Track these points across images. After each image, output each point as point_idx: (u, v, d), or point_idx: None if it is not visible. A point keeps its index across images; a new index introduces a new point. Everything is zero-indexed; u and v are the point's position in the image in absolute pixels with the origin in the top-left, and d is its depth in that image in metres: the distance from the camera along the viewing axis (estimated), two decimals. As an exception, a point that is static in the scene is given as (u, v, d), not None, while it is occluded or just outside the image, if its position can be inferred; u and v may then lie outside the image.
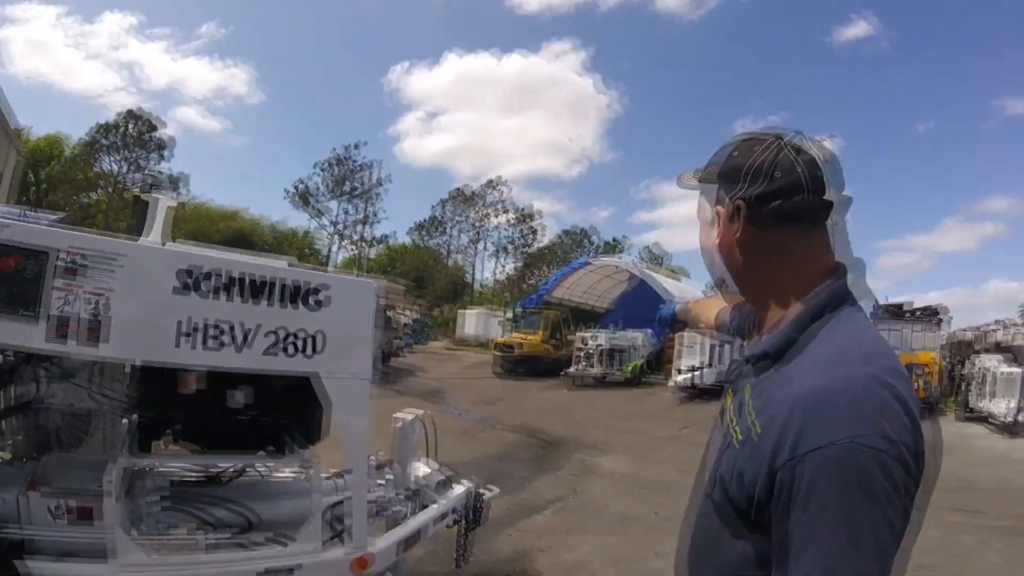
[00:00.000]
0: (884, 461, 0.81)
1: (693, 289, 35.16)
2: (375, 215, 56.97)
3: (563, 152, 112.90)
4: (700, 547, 1.07)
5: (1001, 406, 15.02)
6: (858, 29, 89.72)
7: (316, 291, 2.27)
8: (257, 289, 2.14)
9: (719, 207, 1.09)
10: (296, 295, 2.22)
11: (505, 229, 67.57)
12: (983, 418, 15.96)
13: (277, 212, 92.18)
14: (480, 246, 67.98)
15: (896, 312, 23.15)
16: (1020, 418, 14.68)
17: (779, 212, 1.00)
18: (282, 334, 2.19)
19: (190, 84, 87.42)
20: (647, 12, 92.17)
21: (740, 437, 0.97)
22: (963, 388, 18.59)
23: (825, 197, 1.01)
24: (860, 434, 0.82)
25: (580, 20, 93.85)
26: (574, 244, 71.70)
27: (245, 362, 2.13)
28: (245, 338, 2.11)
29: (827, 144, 1.05)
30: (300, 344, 2.23)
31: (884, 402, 0.85)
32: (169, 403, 2.21)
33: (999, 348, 22.41)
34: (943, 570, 5.55)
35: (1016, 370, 15.90)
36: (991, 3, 78.72)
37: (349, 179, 58.23)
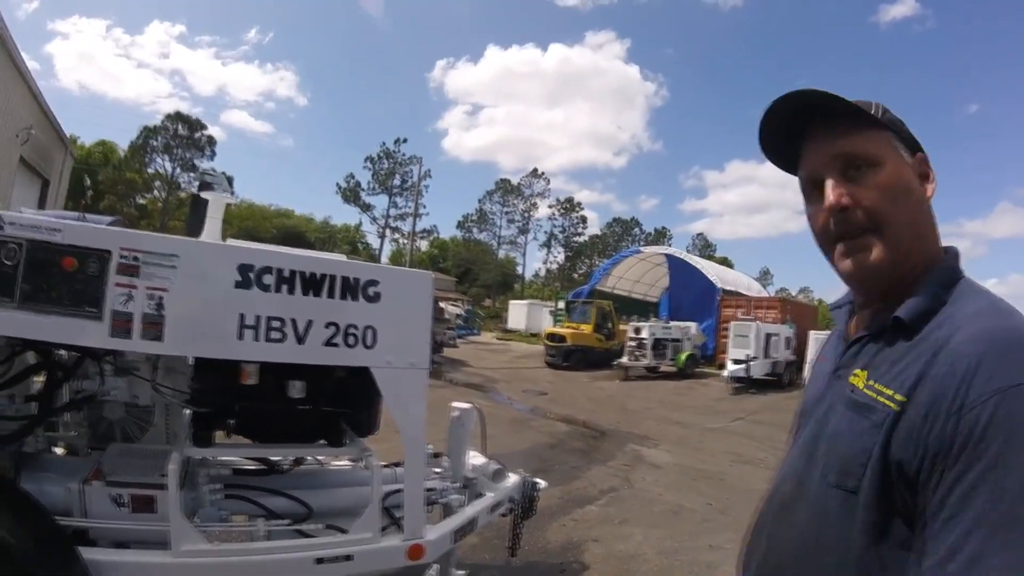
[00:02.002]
0: None
1: (743, 278, 34.53)
2: (419, 209, 57.74)
3: (608, 142, 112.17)
4: (810, 544, 0.95)
5: None
6: (904, 7, 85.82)
7: (373, 283, 2.31)
8: (315, 283, 2.19)
9: (918, 158, 1.00)
10: (354, 288, 2.27)
11: (552, 220, 67.46)
12: None
13: (324, 210, 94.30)
14: (528, 237, 68.02)
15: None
16: None
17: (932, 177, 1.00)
18: (340, 327, 2.23)
19: (237, 88, 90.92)
20: (688, 0, 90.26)
21: (872, 416, 0.88)
22: None
23: None
24: None
25: (621, 10, 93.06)
26: (623, 233, 71.19)
27: (304, 355, 2.17)
28: (304, 331, 2.16)
29: None
30: (358, 336, 2.27)
31: None
32: (229, 395, 2.26)
33: None
34: None
35: None
36: None
37: (396, 173, 58.83)
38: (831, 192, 0.96)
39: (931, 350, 0.85)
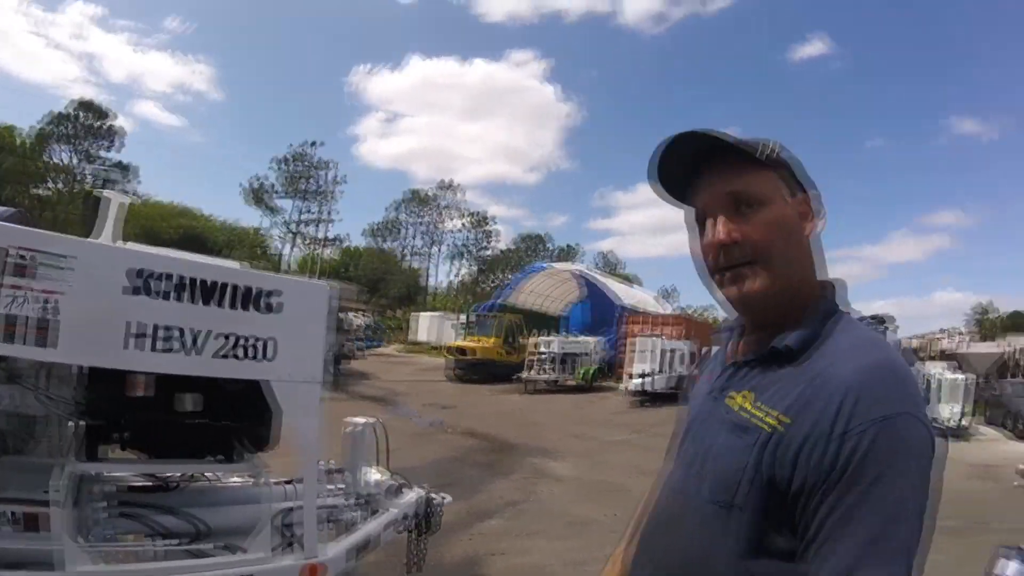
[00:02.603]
0: (930, 436, 0.87)
1: (646, 296, 35.79)
2: (330, 215, 55.95)
3: (522, 159, 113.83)
4: (696, 558, 0.99)
5: (946, 411, 15.72)
6: (813, 48, 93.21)
7: (269, 294, 2.22)
8: (209, 292, 2.08)
9: (801, 197, 1.07)
10: (248, 298, 2.17)
11: (460, 232, 67.42)
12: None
13: (231, 212, 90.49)
14: (436, 249, 67.65)
15: (846, 319, 23.92)
16: (964, 422, 15.48)
17: (820, 214, 1.07)
18: (234, 338, 2.13)
19: (151, 78, 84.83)
20: (610, 26, 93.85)
21: (748, 436, 0.95)
22: None
23: None
24: (915, 409, 0.86)
25: (544, 31, 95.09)
26: (530, 249, 71.98)
27: (196, 366, 2.07)
28: (196, 342, 2.05)
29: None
30: (252, 348, 2.18)
31: (918, 386, 0.91)
32: (118, 407, 2.13)
33: (944, 356, 23.42)
34: None
35: (961, 377, 16.71)
36: (941, 26, 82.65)
37: (305, 177, 57.12)
38: (721, 228, 1.03)
39: (812, 378, 0.92)
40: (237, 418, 2.35)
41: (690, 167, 1.08)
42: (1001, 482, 9.58)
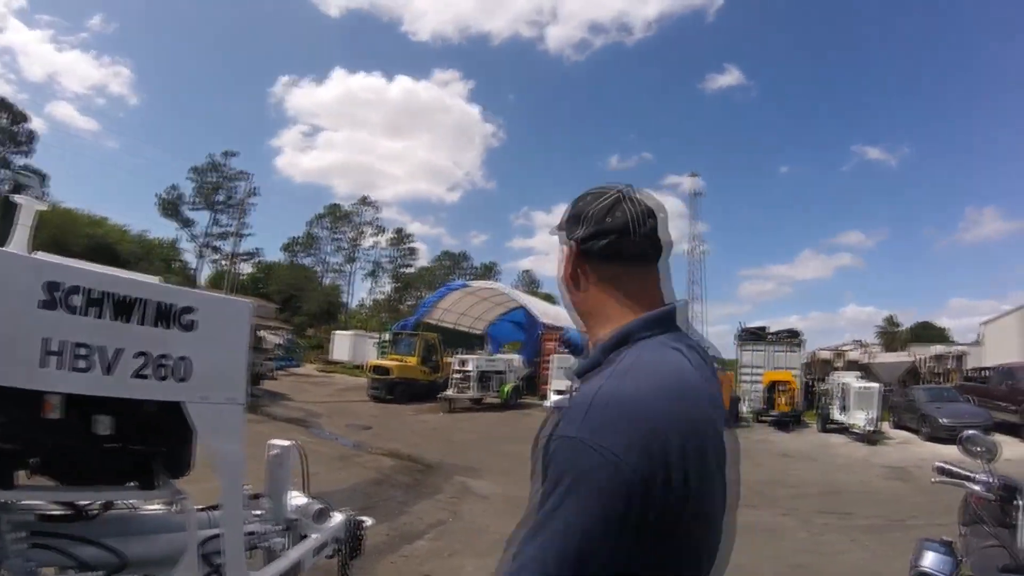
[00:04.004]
0: (605, 463, 0.87)
1: (565, 313, 36.26)
2: (243, 228, 53.75)
3: (444, 177, 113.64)
4: None
5: (860, 417, 16.68)
6: (730, 77, 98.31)
7: (188, 311, 2.12)
8: (128, 308, 1.96)
9: (564, 247, 1.21)
10: (168, 315, 2.06)
11: (381, 249, 66.43)
12: (843, 429, 17.64)
13: (143, 222, 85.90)
14: (355, 266, 66.35)
15: (759, 334, 24.98)
16: (877, 428, 16.48)
17: (608, 250, 1.14)
18: (152, 356, 2.01)
19: (69, 78, 78.91)
20: (536, 51, 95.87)
21: None
22: (823, 402, 20.50)
23: (653, 242, 1.15)
24: (591, 437, 0.89)
25: (469, 52, 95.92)
26: (451, 267, 71.85)
27: (112, 387, 1.93)
28: (112, 360, 1.92)
29: (655, 197, 1.19)
30: (170, 367, 2.07)
31: (623, 415, 0.91)
32: (29, 430, 1.96)
33: (855, 366, 24.91)
34: (816, 568, 6.02)
35: (872, 385, 17.84)
36: (849, 58, 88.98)
37: (222, 188, 54.88)
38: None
39: (572, 397, 1.03)
40: (156, 442, 2.21)
41: None
42: (914, 481, 10.25)
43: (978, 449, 2.52)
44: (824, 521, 7.89)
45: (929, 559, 2.45)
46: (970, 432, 2.59)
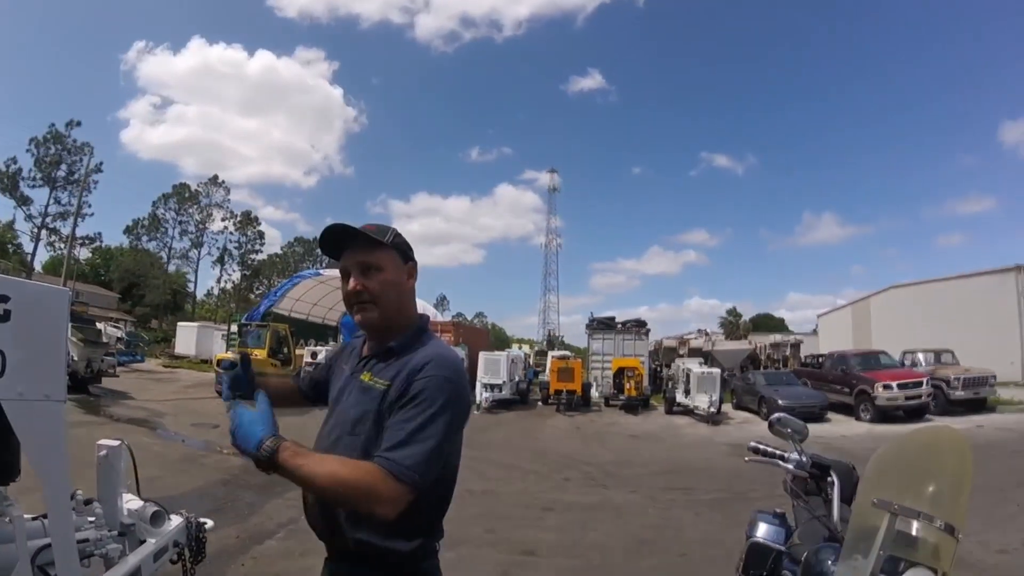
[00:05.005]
0: (460, 390, 1.65)
1: (424, 304, 36.12)
2: (82, 208, 47.81)
3: (300, 160, 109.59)
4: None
5: (704, 400, 17.99)
6: (592, 81, 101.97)
7: (2, 300, 1.92)
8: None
9: (409, 264, 1.84)
10: (-23, 305, 1.85)
11: (230, 233, 61.94)
12: (688, 411, 18.99)
13: None
14: (201, 251, 61.51)
15: (608, 324, 26.25)
16: (719, 409, 17.89)
17: (415, 274, 1.88)
18: (-37, 352, 1.81)
19: None
20: (404, 37, 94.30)
21: (372, 394, 1.69)
22: (669, 386, 21.94)
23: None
24: (454, 374, 1.66)
25: (336, 32, 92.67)
26: (305, 254, 68.87)
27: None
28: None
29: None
30: (-19, 364, 1.86)
31: (461, 364, 1.75)
32: None
33: (700, 352, 26.72)
34: (664, 543, 6.40)
35: (713, 370, 19.39)
36: (705, 71, 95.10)
37: (63, 163, 48.50)
38: (353, 281, 1.75)
39: (407, 362, 1.68)
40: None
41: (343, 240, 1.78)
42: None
43: (788, 431, 2.60)
44: (670, 497, 8.41)
45: (762, 530, 2.57)
46: (779, 415, 2.69)
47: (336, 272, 2.04)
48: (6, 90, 70.98)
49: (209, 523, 3.25)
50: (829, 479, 2.42)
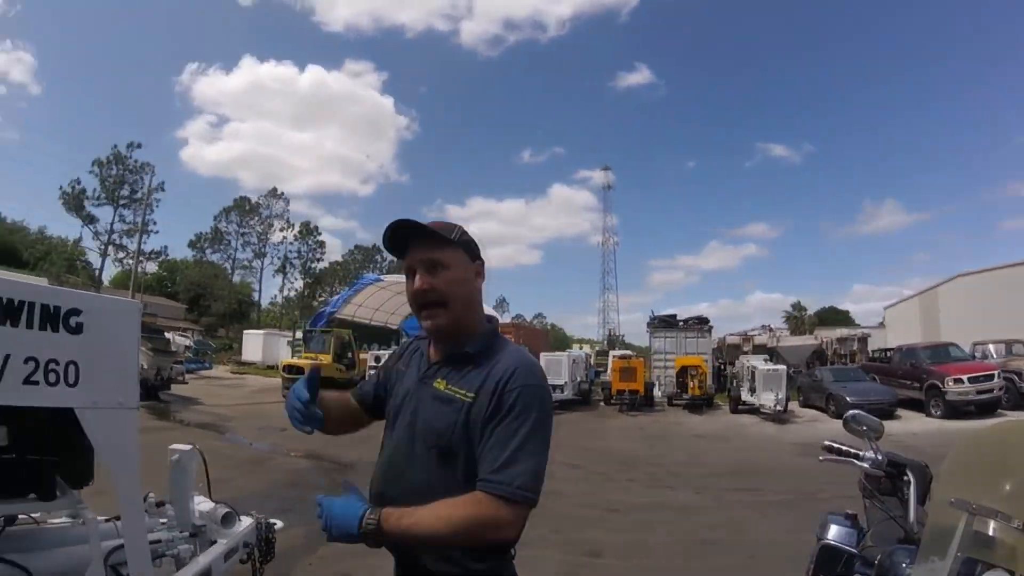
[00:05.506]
0: (549, 397, 1.60)
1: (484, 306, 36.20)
2: (146, 225, 49.81)
3: (355, 170, 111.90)
4: (416, 480, 1.59)
5: (770, 398, 17.50)
6: (640, 76, 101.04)
7: (75, 313, 2.02)
8: (14, 311, 1.86)
9: (477, 263, 1.73)
10: (54, 318, 1.96)
11: (290, 243, 63.37)
12: (754, 409, 18.50)
13: (43, 219, 79.34)
14: (264, 261, 63.18)
15: (670, 322, 25.82)
16: (786, 407, 17.43)
17: (483, 274, 1.76)
18: (40, 362, 1.91)
19: None
20: (449, 44, 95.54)
21: (455, 405, 1.57)
22: (733, 384, 21.45)
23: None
24: (541, 381, 1.60)
25: (383, 43, 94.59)
26: (365, 261, 70.09)
27: (4, 395, 1.83)
28: (2, 367, 1.82)
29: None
30: (59, 373, 1.97)
31: (542, 370, 1.66)
32: None
33: (763, 350, 26.06)
34: (730, 544, 6.28)
35: (779, 367, 18.83)
36: (756, 59, 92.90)
37: (126, 182, 50.80)
38: (419, 280, 1.64)
39: (488, 369, 1.58)
40: (50, 451, 2.11)
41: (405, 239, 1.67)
42: (824, 457, 10.79)
43: (863, 428, 2.53)
44: (736, 498, 8.23)
45: (833, 531, 2.47)
46: (854, 412, 2.59)
47: (397, 277, 2.06)
48: (78, 123, 74.67)
49: (279, 523, 3.33)
50: (905, 478, 2.33)
